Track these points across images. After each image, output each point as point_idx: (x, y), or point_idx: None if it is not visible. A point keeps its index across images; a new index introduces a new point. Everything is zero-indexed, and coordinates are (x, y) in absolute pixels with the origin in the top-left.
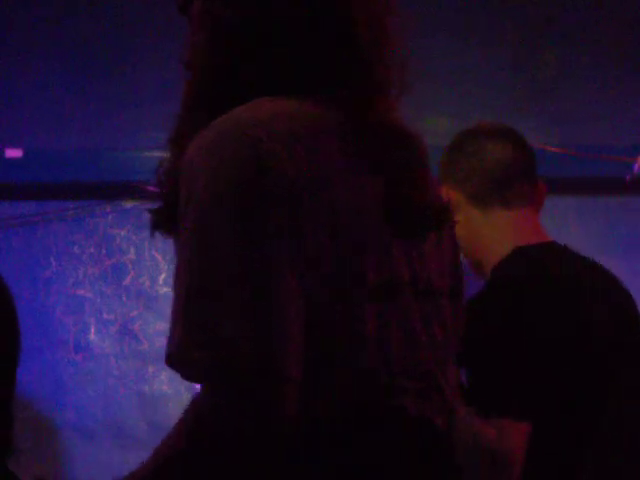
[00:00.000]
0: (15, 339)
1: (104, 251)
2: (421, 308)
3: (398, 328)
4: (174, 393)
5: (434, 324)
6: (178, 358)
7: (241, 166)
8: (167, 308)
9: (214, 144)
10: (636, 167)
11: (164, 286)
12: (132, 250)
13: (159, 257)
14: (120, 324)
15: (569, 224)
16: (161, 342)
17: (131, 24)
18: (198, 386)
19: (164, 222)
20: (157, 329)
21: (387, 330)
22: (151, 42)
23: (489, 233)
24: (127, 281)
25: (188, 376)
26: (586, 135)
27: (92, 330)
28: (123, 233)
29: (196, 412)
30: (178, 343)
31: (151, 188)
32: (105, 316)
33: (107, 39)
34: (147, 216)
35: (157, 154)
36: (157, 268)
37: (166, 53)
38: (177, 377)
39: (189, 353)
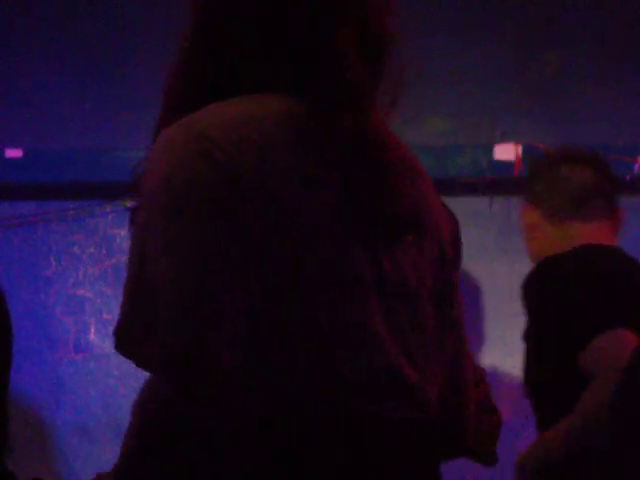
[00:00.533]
0: (7, 338)
1: (104, 251)
2: (388, 308)
3: (353, 327)
4: None
5: (405, 325)
6: (119, 346)
7: (191, 166)
8: None
9: (170, 144)
10: (636, 167)
11: None
12: None
13: None
14: None
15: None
16: None
17: (131, 24)
18: None
19: None
20: None
21: (340, 329)
22: (151, 42)
23: (563, 245)
24: None
25: (135, 364)
26: (586, 135)
27: (92, 330)
28: (123, 233)
29: (140, 400)
30: (120, 332)
31: None
32: (105, 316)
33: (107, 40)
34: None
35: None
36: None
37: (166, 54)
38: None
39: (127, 344)
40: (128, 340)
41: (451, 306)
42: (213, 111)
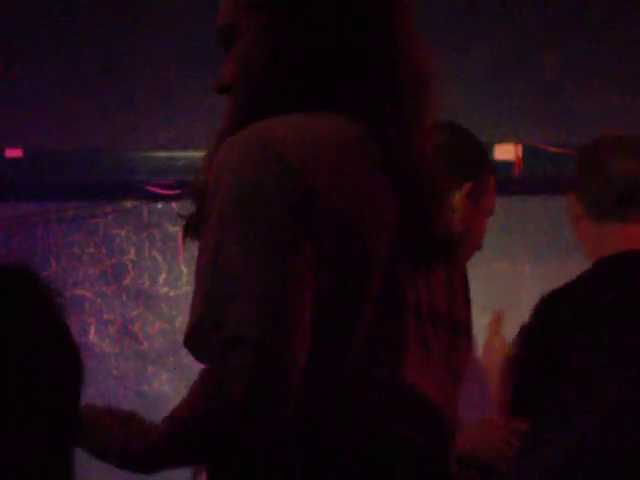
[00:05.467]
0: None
1: (104, 251)
2: (422, 333)
3: (392, 344)
4: (174, 393)
5: (434, 350)
6: (190, 341)
7: (264, 172)
8: (167, 308)
9: (243, 154)
10: None
11: (164, 286)
12: (132, 250)
13: (159, 257)
14: (120, 324)
15: (569, 224)
16: (161, 342)
17: (131, 25)
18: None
19: (195, 226)
20: (157, 329)
21: (383, 347)
22: (152, 43)
23: (602, 245)
24: (127, 281)
25: (198, 359)
26: (586, 135)
27: (92, 330)
28: (123, 233)
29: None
30: (193, 326)
31: (151, 188)
32: (105, 316)
33: (107, 39)
34: (148, 216)
35: (157, 154)
36: (157, 268)
37: (166, 54)
38: (177, 377)
39: (197, 340)
40: (199, 335)
41: (466, 336)
42: (285, 125)
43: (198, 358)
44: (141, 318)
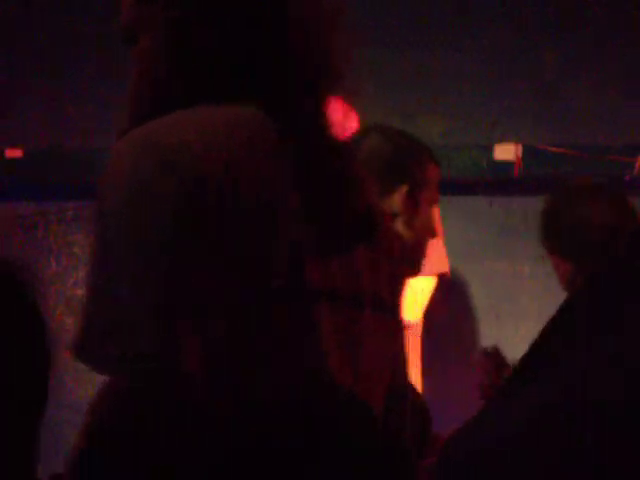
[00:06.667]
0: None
1: None
2: (338, 319)
3: (299, 332)
4: None
5: (353, 336)
6: (76, 351)
7: (149, 174)
8: None
9: (127, 157)
10: (636, 167)
11: None
12: None
13: None
14: None
15: None
16: None
17: None
18: None
19: None
20: None
21: (291, 339)
22: None
23: None
24: None
25: (94, 368)
26: (586, 135)
27: None
28: None
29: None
30: (81, 337)
31: None
32: None
33: (107, 39)
34: None
35: None
36: None
37: None
38: None
39: (88, 348)
40: (89, 344)
41: (397, 318)
42: (175, 121)
43: (93, 367)
44: None
